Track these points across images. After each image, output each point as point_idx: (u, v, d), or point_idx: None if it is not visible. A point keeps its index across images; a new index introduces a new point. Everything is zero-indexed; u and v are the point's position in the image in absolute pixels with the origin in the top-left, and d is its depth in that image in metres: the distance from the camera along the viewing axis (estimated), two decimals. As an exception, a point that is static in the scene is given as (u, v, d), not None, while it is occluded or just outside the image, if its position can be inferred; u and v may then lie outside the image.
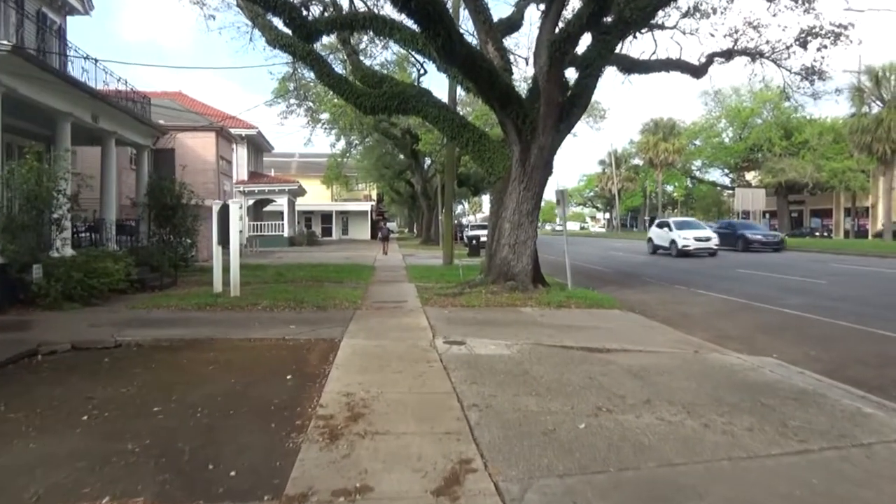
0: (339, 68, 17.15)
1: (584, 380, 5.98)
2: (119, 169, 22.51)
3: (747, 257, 25.21)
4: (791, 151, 48.69)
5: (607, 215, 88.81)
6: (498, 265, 12.79)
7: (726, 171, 59.81)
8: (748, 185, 59.16)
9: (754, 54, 17.98)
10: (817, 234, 49.50)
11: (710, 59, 17.58)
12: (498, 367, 6.42)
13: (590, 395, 5.47)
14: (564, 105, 12.23)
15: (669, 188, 75.27)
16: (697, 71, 17.52)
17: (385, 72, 16.34)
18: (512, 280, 12.55)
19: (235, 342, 7.67)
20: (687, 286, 15.14)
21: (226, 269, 12.00)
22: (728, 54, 17.77)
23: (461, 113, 21.41)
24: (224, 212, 11.90)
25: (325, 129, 37.49)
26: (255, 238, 32.02)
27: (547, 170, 12.64)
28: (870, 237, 44.68)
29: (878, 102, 38.41)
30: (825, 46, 16.58)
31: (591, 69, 12.22)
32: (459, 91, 17.84)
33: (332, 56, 18.16)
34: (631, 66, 16.24)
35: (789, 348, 8.02)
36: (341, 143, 38.63)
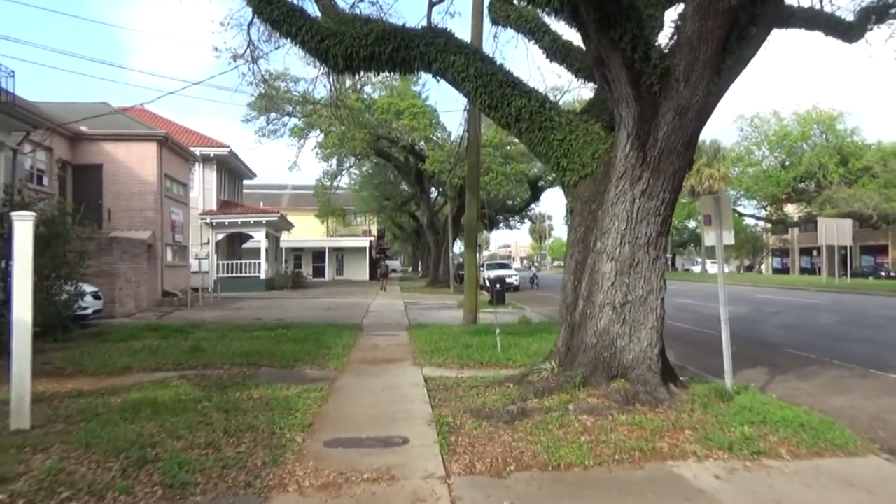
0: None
1: None
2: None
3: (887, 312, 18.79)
4: (848, 180, 42.44)
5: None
6: (592, 346, 6.39)
7: (764, 203, 53.28)
8: (785, 218, 52.85)
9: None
10: (882, 274, 42.55)
11: (866, 16, 11.74)
12: None
13: None
14: (739, 20, 6.00)
15: (692, 224, 68.73)
16: (851, 31, 11.63)
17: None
18: (622, 377, 6.17)
19: None
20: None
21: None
22: (883, 10, 11.94)
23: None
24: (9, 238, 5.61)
25: (317, 152, 31.62)
26: (220, 281, 25.62)
27: (688, 154, 6.40)
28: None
29: None
30: None
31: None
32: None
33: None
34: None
35: None
36: (333, 165, 32.43)
